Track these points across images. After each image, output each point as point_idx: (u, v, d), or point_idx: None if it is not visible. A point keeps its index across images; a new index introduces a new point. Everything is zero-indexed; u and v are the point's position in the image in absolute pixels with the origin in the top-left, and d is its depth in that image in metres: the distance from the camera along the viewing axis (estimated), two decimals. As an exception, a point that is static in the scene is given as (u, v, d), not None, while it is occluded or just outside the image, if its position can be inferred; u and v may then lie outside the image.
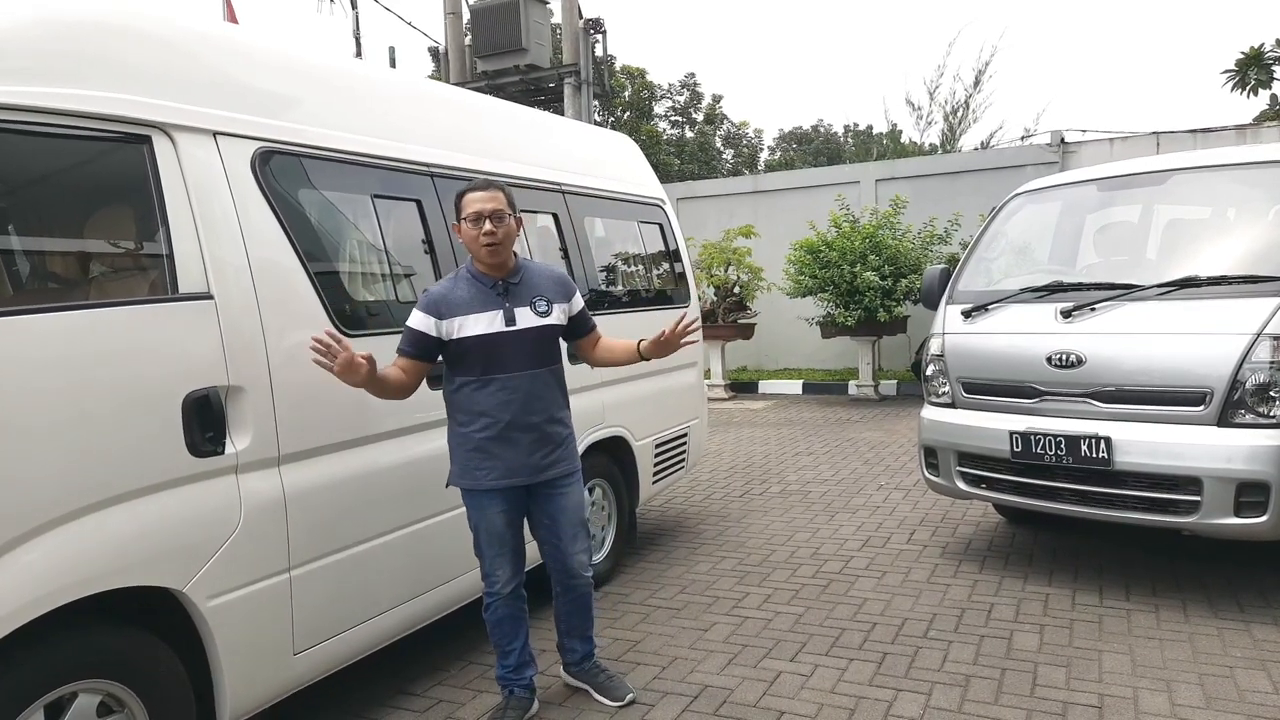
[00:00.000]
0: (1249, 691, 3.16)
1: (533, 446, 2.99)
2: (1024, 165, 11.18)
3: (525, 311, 2.98)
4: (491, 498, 3.00)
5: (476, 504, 3.03)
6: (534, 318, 2.98)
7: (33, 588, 2.10)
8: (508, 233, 2.96)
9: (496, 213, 2.93)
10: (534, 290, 3.03)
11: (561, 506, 3.09)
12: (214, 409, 2.52)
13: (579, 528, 3.15)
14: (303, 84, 3.14)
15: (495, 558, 3.06)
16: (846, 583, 4.44)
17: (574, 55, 13.17)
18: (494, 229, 2.92)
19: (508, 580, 3.08)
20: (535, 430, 2.99)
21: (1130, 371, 3.94)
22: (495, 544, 3.05)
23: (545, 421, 3.01)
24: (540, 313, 3.00)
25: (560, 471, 3.07)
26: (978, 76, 20.73)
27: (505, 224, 2.95)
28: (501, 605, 3.09)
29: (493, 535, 3.04)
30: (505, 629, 3.11)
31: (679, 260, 5.54)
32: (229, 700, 2.56)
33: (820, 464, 7.34)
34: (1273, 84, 12.30)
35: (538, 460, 3.01)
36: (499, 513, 3.02)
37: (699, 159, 28.02)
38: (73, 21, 2.38)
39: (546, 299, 3.03)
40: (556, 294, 3.07)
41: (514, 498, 3.04)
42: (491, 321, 2.93)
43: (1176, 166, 4.54)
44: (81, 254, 2.53)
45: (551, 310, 3.03)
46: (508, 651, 3.13)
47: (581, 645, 3.30)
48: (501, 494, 3.00)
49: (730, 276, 11.57)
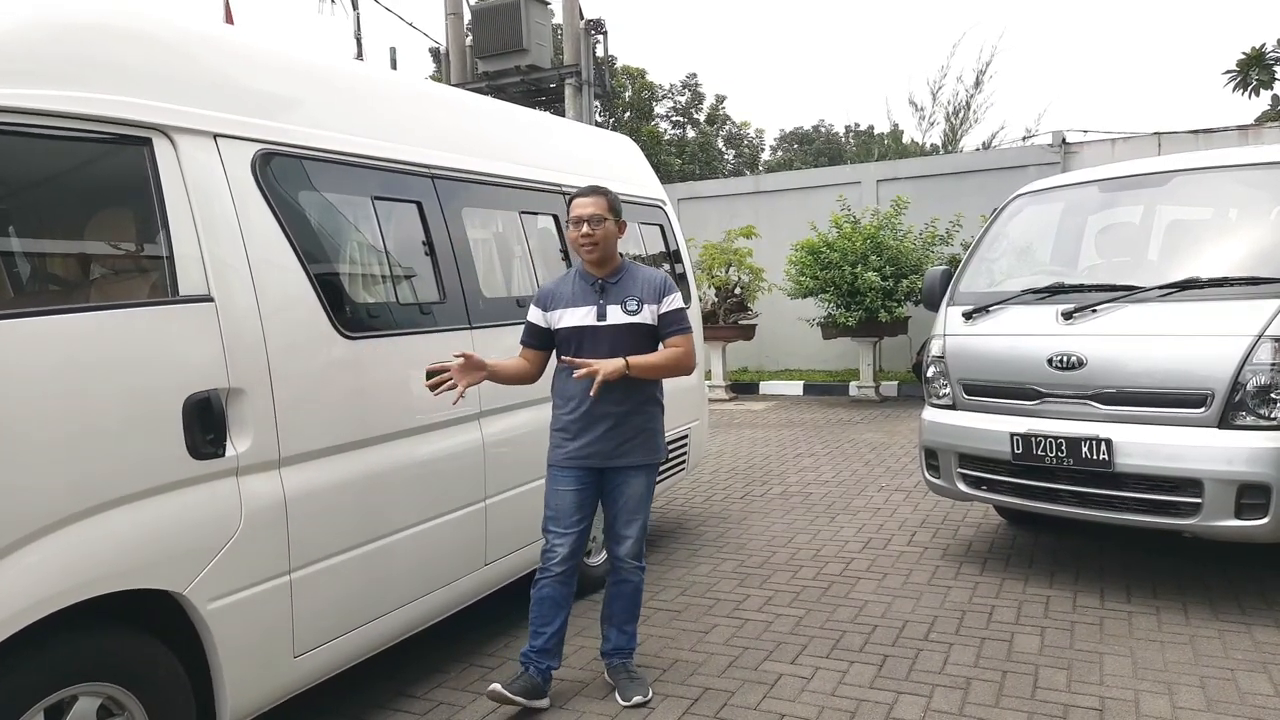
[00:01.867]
0: (1250, 694, 3.15)
1: (610, 433, 3.17)
2: (1025, 166, 11.17)
3: (616, 309, 3.20)
4: (564, 473, 3.21)
5: (553, 478, 3.25)
6: (623, 315, 3.19)
7: (34, 591, 2.09)
8: (605, 235, 3.20)
9: (595, 216, 3.18)
10: (629, 290, 3.23)
11: (625, 493, 3.25)
12: (214, 411, 2.51)
13: (634, 515, 3.26)
14: (303, 86, 3.13)
15: (557, 534, 3.21)
16: (847, 585, 4.44)
17: (575, 56, 13.17)
18: (591, 231, 3.17)
19: (564, 559, 3.20)
20: (612, 418, 3.17)
21: (1131, 373, 3.94)
22: (560, 520, 3.21)
23: (625, 411, 3.18)
24: (630, 311, 3.20)
25: (632, 461, 3.23)
26: (979, 77, 20.74)
27: (603, 227, 3.19)
28: (550, 584, 3.20)
29: (559, 511, 3.21)
30: (547, 609, 3.21)
31: (679, 261, 5.54)
32: (229, 703, 2.55)
33: (821, 465, 7.33)
34: (1274, 84, 12.28)
35: (611, 447, 3.19)
36: (568, 490, 3.20)
37: (700, 159, 28.02)
38: (73, 24, 2.38)
39: (638, 299, 3.22)
40: (649, 295, 3.23)
41: (586, 478, 3.21)
42: (586, 315, 3.20)
43: (1178, 167, 4.53)
44: (82, 256, 2.53)
45: (641, 309, 3.21)
46: (540, 633, 3.21)
47: (617, 636, 3.38)
48: (573, 472, 3.20)
49: (731, 277, 11.56)
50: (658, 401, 3.32)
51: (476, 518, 3.52)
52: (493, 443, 3.59)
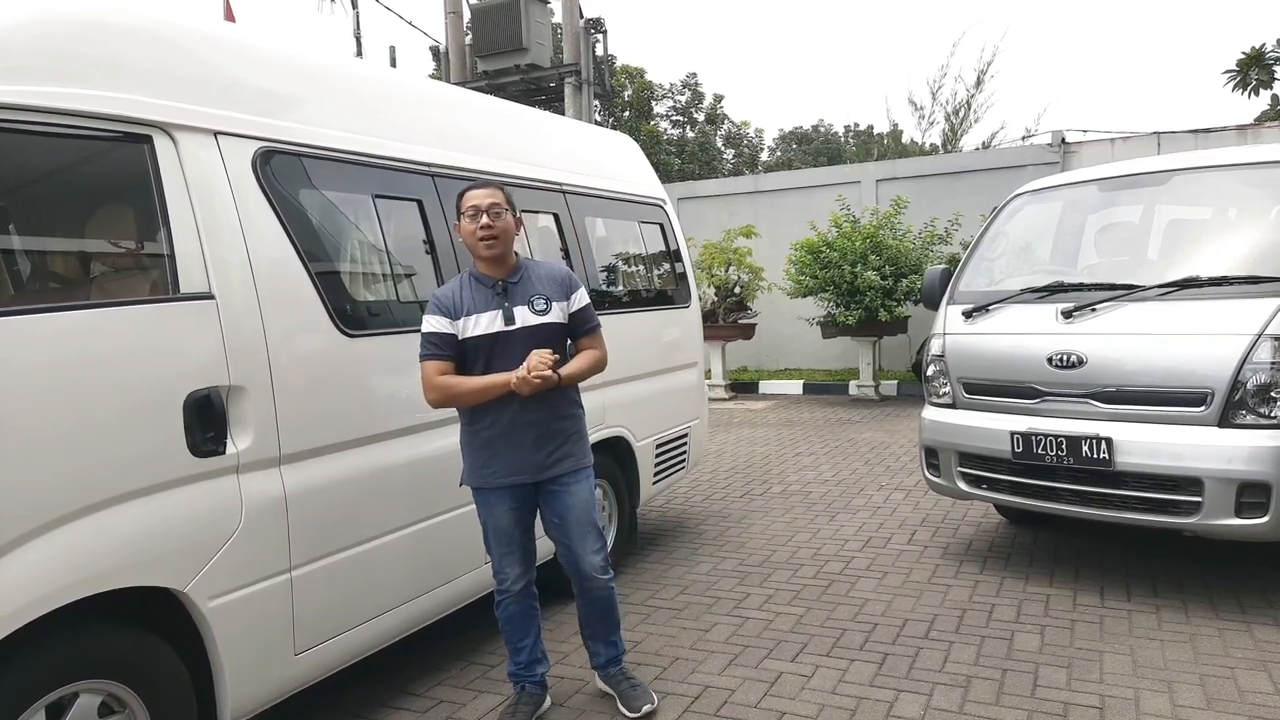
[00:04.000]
0: (1250, 692, 3.16)
1: (537, 444, 2.98)
2: (1025, 165, 11.17)
3: (523, 310, 2.98)
4: (498, 495, 3.02)
5: (484, 501, 3.05)
6: (532, 316, 2.98)
7: (34, 588, 2.09)
8: (505, 228, 2.97)
9: (493, 207, 2.95)
10: (533, 289, 3.02)
11: (568, 504, 3.04)
12: (215, 409, 2.51)
13: (589, 527, 3.08)
14: (304, 83, 3.13)
15: (503, 556, 3.07)
16: (847, 583, 4.44)
17: (574, 55, 13.17)
18: (490, 223, 2.93)
19: (517, 578, 3.09)
20: (537, 428, 2.98)
21: (1131, 372, 3.94)
22: (503, 542, 3.06)
23: (549, 419, 2.99)
24: (538, 311, 2.99)
25: (565, 469, 3.04)
26: (979, 76, 20.73)
27: (502, 219, 2.96)
28: (512, 603, 3.11)
29: (500, 533, 3.05)
30: (516, 626, 3.13)
31: (679, 260, 5.54)
32: (230, 700, 2.56)
33: (821, 464, 7.34)
34: (1274, 84, 12.31)
35: (542, 458, 3.00)
36: (506, 510, 3.02)
37: (699, 159, 27.99)
38: (74, 20, 2.38)
39: (545, 297, 3.02)
40: (556, 292, 3.05)
41: (521, 495, 3.03)
42: (492, 321, 2.94)
43: (1178, 167, 4.53)
44: (83, 254, 2.53)
45: (550, 308, 3.01)
46: (519, 648, 3.14)
47: (605, 649, 3.24)
48: (507, 491, 3.01)
49: (731, 276, 11.57)
50: (579, 404, 3.14)
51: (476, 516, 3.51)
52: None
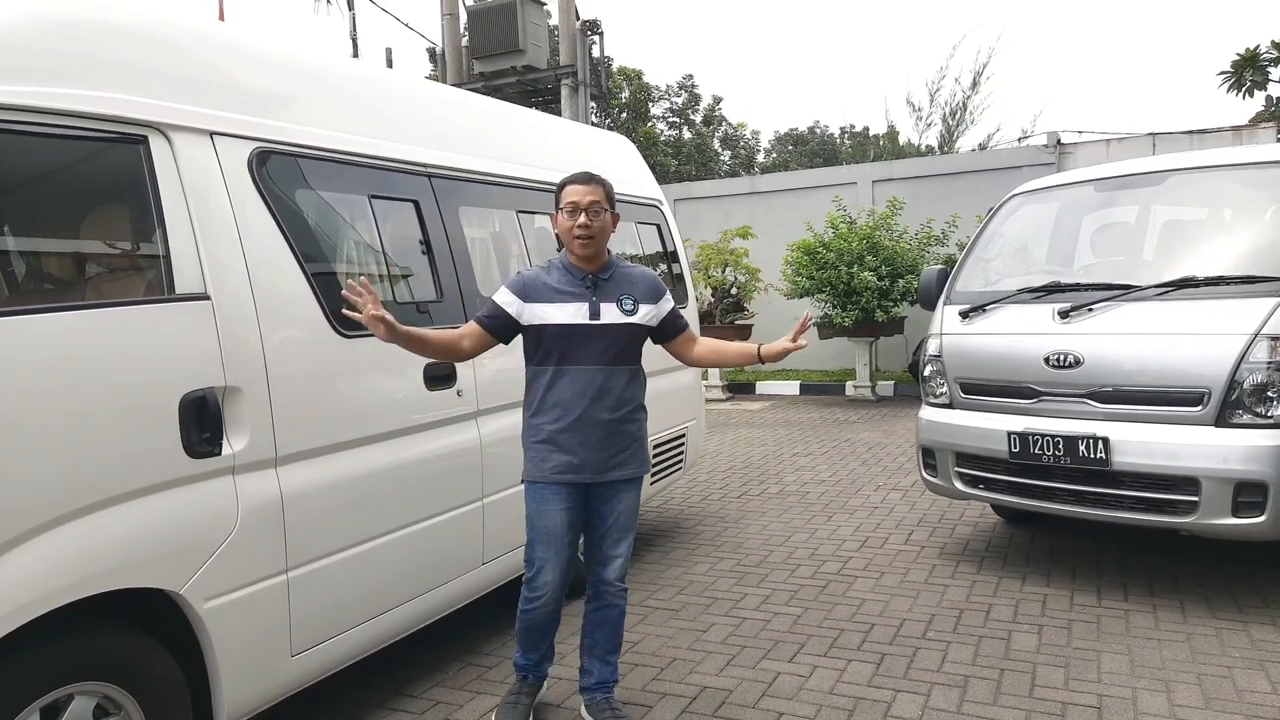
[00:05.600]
0: (1247, 691, 3.16)
1: (603, 443, 2.92)
2: (1020, 166, 11.20)
3: (611, 307, 2.93)
4: (555, 492, 2.93)
5: (538, 497, 2.96)
6: (619, 314, 2.93)
7: (29, 590, 2.08)
8: (602, 226, 2.93)
9: (593, 205, 2.90)
10: (623, 288, 2.97)
11: (616, 510, 3.00)
12: (211, 410, 2.50)
13: (625, 533, 3.04)
14: (300, 84, 3.13)
15: (546, 560, 2.96)
16: (844, 584, 4.44)
17: (571, 56, 13.18)
18: (589, 221, 2.89)
19: (556, 586, 2.98)
20: (605, 426, 2.91)
21: (1128, 372, 3.95)
22: (551, 544, 2.95)
23: (619, 420, 2.94)
24: (626, 310, 2.94)
25: (626, 474, 2.99)
26: (976, 78, 20.79)
27: (601, 218, 2.92)
28: (541, 609, 3.01)
29: (550, 534, 2.95)
30: (539, 630, 3.07)
31: (677, 261, 5.54)
32: (226, 702, 2.54)
33: (818, 465, 7.34)
34: (1268, 85, 12.35)
35: (605, 459, 2.93)
36: (560, 509, 2.93)
37: (696, 160, 28.01)
38: (68, 20, 2.37)
39: (634, 298, 2.97)
40: (646, 295, 3.00)
41: (577, 496, 2.96)
42: (576, 313, 2.89)
43: (1173, 167, 4.54)
44: (77, 254, 2.52)
45: (638, 310, 2.96)
46: (534, 648, 3.10)
47: (601, 669, 3.12)
48: (565, 489, 2.93)
49: (727, 277, 11.57)
50: (645, 408, 3.08)
51: (474, 517, 3.51)
52: (490, 442, 3.58)
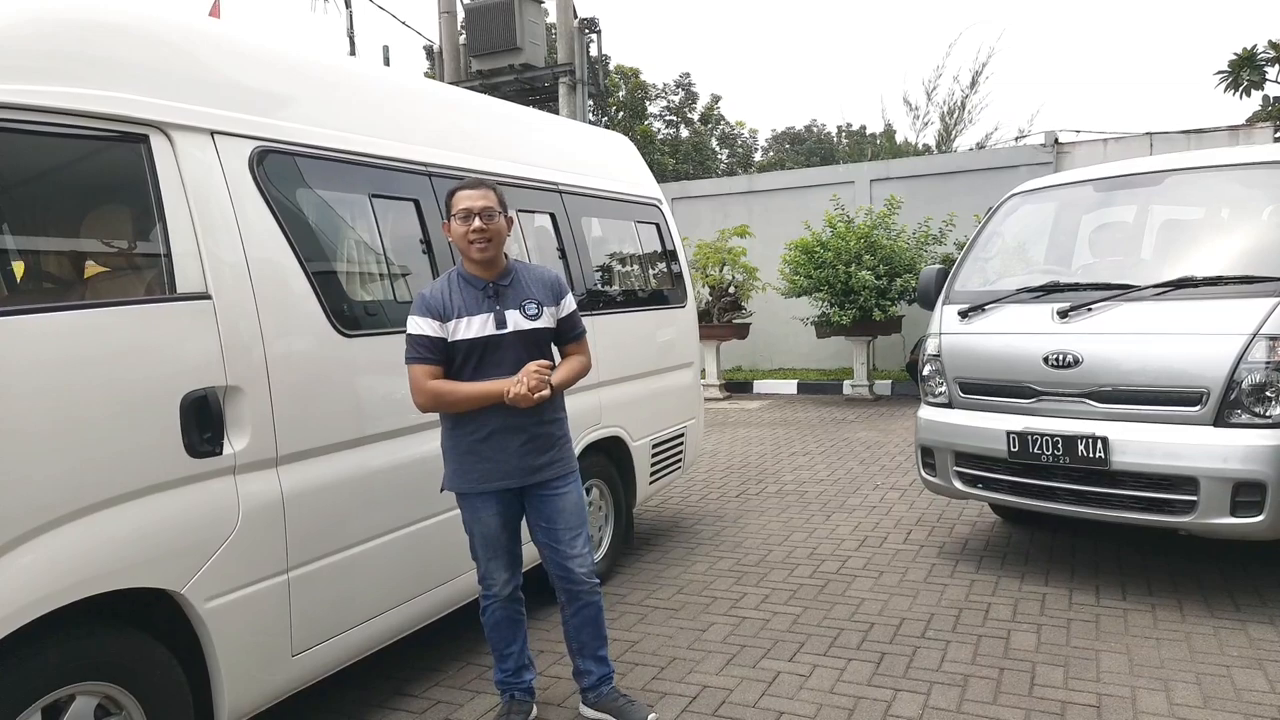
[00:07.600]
0: (1246, 690, 3.17)
1: (524, 449, 2.94)
2: (1018, 166, 11.20)
3: (515, 314, 2.94)
4: (484, 500, 2.97)
5: (470, 507, 3.01)
6: (524, 321, 2.94)
7: (31, 590, 2.08)
8: (497, 231, 2.91)
9: (486, 210, 2.88)
10: (524, 293, 2.98)
11: (558, 509, 3.02)
12: (212, 410, 2.50)
13: (578, 531, 3.05)
14: (300, 83, 3.12)
15: (490, 561, 3.04)
16: (844, 583, 4.44)
17: (569, 55, 13.18)
18: (484, 226, 2.87)
19: (504, 583, 3.06)
20: (525, 432, 2.93)
21: (1127, 371, 3.95)
22: (490, 547, 3.03)
23: (536, 424, 2.95)
24: (530, 315, 2.95)
25: (553, 474, 3.02)
26: (974, 77, 20.80)
27: (495, 222, 2.90)
28: (498, 608, 3.07)
29: (487, 539, 3.01)
30: (503, 632, 3.09)
31: (676, 260, 5.54)
32: (227, 702, 2.55)
33: (816, 464, 7.34)
34: (1265, 85, 12.37)
35: (529, 463, 2.96)
36: (492, 515, 2.99)
37: (694, 159, 28.00)
38: (70, 20, 2.36)
39: (536, 301, 2.98)
40: (546, 297, 3.02)
41: (507, 500, 3.00)
42: (485, 324, 2.90)
43: (1172, 167, 4.55)
44: (78, 254, 2.52)
45: (541, 313, 2.98)
46: (505, 655, 3.11)
47: (596, 667, 3.14)
48: (494, 496, 2.97)
49: (725, 276, 11.57)
50: (564, 408, 3.10)
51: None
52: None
